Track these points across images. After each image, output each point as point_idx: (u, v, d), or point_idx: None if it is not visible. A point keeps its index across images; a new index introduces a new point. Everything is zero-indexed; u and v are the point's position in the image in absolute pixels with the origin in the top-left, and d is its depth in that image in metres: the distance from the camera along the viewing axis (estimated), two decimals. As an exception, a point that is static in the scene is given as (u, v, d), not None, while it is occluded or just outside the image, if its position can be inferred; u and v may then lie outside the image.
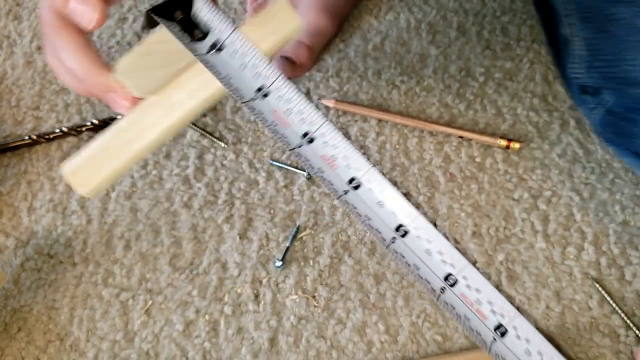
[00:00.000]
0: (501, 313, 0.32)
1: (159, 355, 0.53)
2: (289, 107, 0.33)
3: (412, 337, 0.53)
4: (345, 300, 0.55)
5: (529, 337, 0.31)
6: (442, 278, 0.34)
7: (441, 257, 0.34)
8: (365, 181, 0.33)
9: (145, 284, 0.57)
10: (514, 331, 0.32)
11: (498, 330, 0.32)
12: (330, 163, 0.33)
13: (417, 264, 0.35)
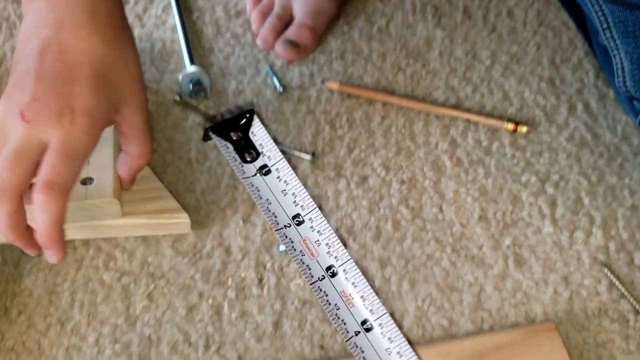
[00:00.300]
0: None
1: (161, 340, 0.52)
2: (319, 238, 0.36)
3: (418, 322, 0.52)
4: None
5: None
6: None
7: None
8: (377, 326, 0.34)
9: (147, 267, 0.56)
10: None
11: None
12: (347, 300, 0.35)
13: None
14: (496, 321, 0.51)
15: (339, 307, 0.34)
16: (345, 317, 0.34)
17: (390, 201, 0.58)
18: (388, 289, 0.54)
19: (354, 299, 0.34)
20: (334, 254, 0.36)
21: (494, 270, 0.54)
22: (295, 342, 0.52)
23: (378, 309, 0.34)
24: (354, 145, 0.61)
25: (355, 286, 0.35)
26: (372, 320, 0.34)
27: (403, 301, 0.53)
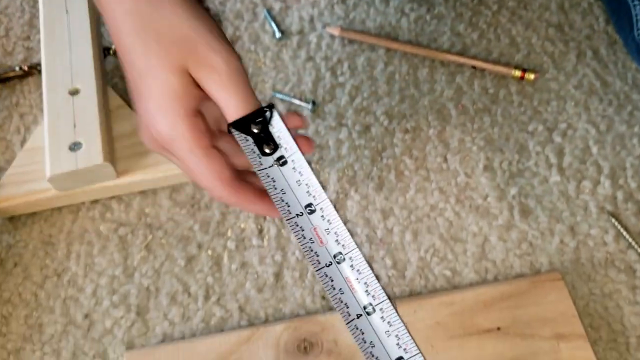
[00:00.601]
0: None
1: (160, 291, 0.51)
2: (329, 227, 0.37)
3: (420, 272, 0.51)
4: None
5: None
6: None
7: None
8: (378, 309, 0.35)
9: (144, 218, 0.55)
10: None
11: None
12: (352, 286, 0.36)
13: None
14: (500, 272, 0.50)
15: (343, 292, 0.36)
16: (348, 301, 0.36)
17: (393, 151, 0.56)
18: (390, 240, 0.52)
19: (358, 285, 0.36)
20: (342, 242, 0.37)
21: (498, 220, 0.53)
22: (296, 293, 0.51)
23: (380, 294, 0.36)
24: (355, 93, 0.59)
25: (359, 273, 0.36)
26: (374, 305, 0.36)
27: (405, 252, 0.52)
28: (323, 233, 0.37)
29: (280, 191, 0.38)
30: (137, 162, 0.54)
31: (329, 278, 0.36)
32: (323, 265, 0.37)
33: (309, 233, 0.37)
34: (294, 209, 0.38)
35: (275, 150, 0.39)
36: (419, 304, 0.48)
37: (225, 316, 0.50)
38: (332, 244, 0.37)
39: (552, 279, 0.48)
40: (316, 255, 0.37)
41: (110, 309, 0.51)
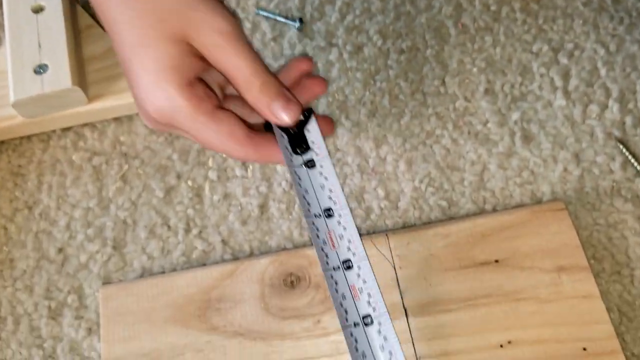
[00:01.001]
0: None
1: (137, 223, 0.48)
2: (343, 233, 0.38)
3: (414, 203, 0.48)
4: (342, 165, 0.50)
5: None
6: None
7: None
8: (376, 322, 0.36)
9: (119, 147, 0.51)
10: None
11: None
12: (355, 294, 0.36)
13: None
14: (500, 201, 0.47)
15: (345, 298, 0.36)
16: (348, 307, 0.36)
17: (387, 73, 0.52)
18: (383, 169, 0.49)
19: (361, 294, 0.37)
20: (354, 250, 0.38)
21: (499, 147, 0.49)
22: (283, 226, 0.48)
23: (381, 308, 0.36)
24: (347, 10, 0.54)
25: (365, 282, 0.37)
26: (373, 317, 0.36)
27: (399, 182, 0.49)
28: (336, 238, 0.38)
29: (304, 190, 0.39)
30: (110, 87, 0.50)
31: (334, 281, 0.37)
32: (331, 267, 0.37)
33: (323, 235, 0.38)
34: (314, 210, 0.39)
35: (306, 151, 0.41)
36: (412, 235, 0.45)
37: (208, 250, 0.47)
38: (343, 250, 0.38)
39: (555, 209, 0.45)
40: (326, 257, 0.37)
41: (85, 243, 0.48)
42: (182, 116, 0.37)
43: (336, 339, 0.42)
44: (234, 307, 0.43)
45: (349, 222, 0.39)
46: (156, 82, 0.37)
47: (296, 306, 0.43)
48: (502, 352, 0.41)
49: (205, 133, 0.38)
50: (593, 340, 0.41)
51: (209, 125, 0.37)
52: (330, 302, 0.43)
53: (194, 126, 0.37)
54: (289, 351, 0.42)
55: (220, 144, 0.38)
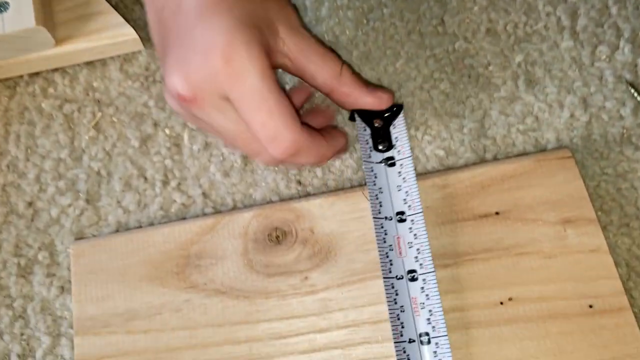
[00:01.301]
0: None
1: (112, 175, 0.45)
2: (413, 241, 0.36)
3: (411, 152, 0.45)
4: (339, 109, 0.46)
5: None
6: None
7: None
8: (434, 342, 0.34)
9: (92, 93, 0.47)
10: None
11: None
12: (415, 308, 0.35)
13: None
14: (501, 150, 0.44)
15: (404, 310, 0.35)
16: (406, 321, 0.34)
17: (381, 12, 0.48)
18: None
19: (422, 310, 0.35)
20: (421, 260, 0.36)
21: (501, 91, 0.46)
22: (268, 177, 0.44)
23: (441, 328, 0.34)
24: (337, -57, 0.50)
25: (428, 298, 0.35)
26: (431, 336, 0.34)
27: (393, 129, 0.45)
28: (405, 245, 0.36)
29: (378, 189, 0.38)
30: (81, 28, 0.46)
31: (395, 291, 0.35)
32: (393, 276, 0.35)
33: (391, 239, 0.36)
34: (385, 211, 0.37)
35: (388, 149, 0.39)
36: (407, 186, 0.42)
37: (187, 203, 0.44)
38: (410, 259, 0.36)
39: (561, 157, 0.41)
40: (390, 264, 0.36)
41: (57, 196, 0.45)
42: (251, 77, 0.34)
43: (325, 297, 0.39)
44: (215, 263, 0.40)
45: (422, 231, 0.36)
46: (231, 41, 0.33)
47: (282, 262, 0.40)
48: (502, 309, 0.38)
49: (264, 105, 0.34)
50: (600, 296, 0.38)
51: (275, 96, 0.34)
52: (319, 258, 0.40)
53: (256, 95, 0.34)
54: (274, 310, 0.39)
55: (278, 121, 0.35)
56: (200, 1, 0.35)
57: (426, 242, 0.36)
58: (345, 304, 0.39)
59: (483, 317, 0.38)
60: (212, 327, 0.39)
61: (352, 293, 0.39)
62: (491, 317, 0.38)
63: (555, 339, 0.37)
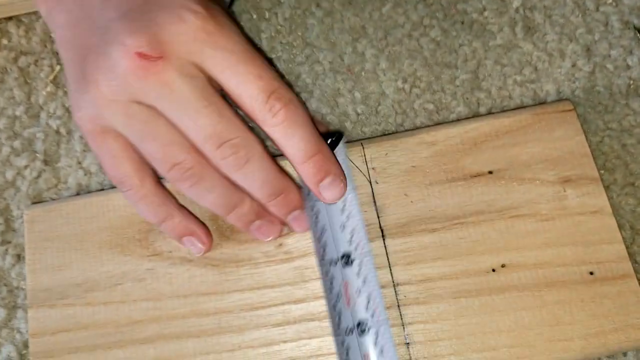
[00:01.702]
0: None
1: (72, 134, 0.41)
2: (362, 287, 0.33)
3: (397, 107, 0.41)
4: (311, 64, 0.42)
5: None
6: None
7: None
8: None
9: (50, 45, 0.43)
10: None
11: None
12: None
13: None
14: (496, 103, 0.40)
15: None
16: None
17: (364, -48, 0.44)
18: (361, 67, 0.42)
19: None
20: (372, 309, 0.32)
21: (497, 39, 0.42)
22: (242, 134, 0.41)
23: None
24: None
25: (382, 355, 0.32)
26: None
27: (379, 82, 0.41)
28: (353, 293, 0.33)
29: (320, 228, 0.34)
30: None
31: (345, 348, 0.32)
32: (342, 331, 0.32)
33: (338, 286, 0.33)
34: (330, 254, 0.33)
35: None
36: (392, 144, 0.38)
37: (153, 163, 0.40)
38: (360, 309, 0.32)
39: (561, 110, 0.38)
40: (338, 317, 0.32)
41: (12, 157, 0.41)
42: (236, 33, 0.32)
43: (301, 265, 0.36)
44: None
45: (371, 274, 0.33)
46: (205, 3, 0.31)
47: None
48: (495, 277, 0.35)
49: (257, 58, 0.32)
50: (602, 262, 0.34)
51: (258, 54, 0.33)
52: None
53: (248, 50, 0.32)
54: (245, 279, 0.36)
55: (272, 73, 0.32)
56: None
57: (377, 287, 0.32)
58: (322, 273, 0.35)
59: (473, 285, 0.35)
60: (178, 298, 0.36)
61: (331, 260, 0.35)
62: (482, 286, 0.35)
63: (551, 309, 0.34)
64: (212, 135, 0.31)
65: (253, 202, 0.34)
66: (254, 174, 0.33)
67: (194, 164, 0.32)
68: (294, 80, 0.42)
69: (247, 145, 0.32)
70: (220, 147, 0.32)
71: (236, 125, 0.32)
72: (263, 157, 0.33)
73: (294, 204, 0.35)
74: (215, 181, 0.33)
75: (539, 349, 0.33)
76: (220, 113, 0.31)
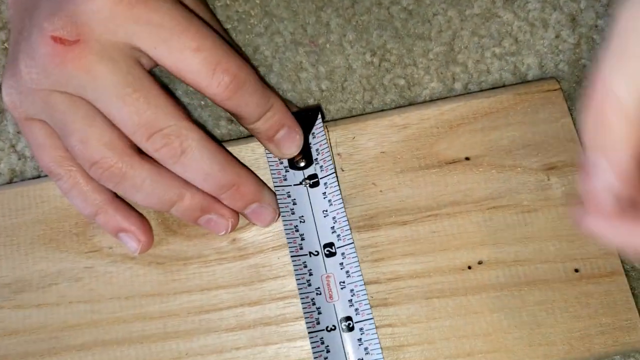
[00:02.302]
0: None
1: (5, 114, 0.37)
2: (346, 280, 0.30)
3: (365, 83, 0.37)
4: (271, 35, 0.38)
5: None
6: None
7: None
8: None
9: None
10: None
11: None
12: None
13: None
14: (473, 78, 0.37)
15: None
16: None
17: None
18: (325, 39, 0.38)
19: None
20: (357, 304, 0.29)
21: (474, 7, 0.38)
22: (203, 115, 0.37)
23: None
24: None
25: (367, 353, 0.29)
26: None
27: (346, 55, 0.37)
28: (336, 286, 0.30)
29: (298, 218, 0.30)
30: None
31: (325, 347, 0.29)
32: (322, 327, 0.29)
33: (318, 281, 0.29)
34: (309, 245, 0.30)
35: (308, 165, 0.32)
36: (359, 127, 0.34)
37: (93, 147, 0.36)
38: (343, 304, 0.29)
39: (546, 89, 0.34)
40: (317, 312, 0.29)
41: None
42: (167, 3, 0.28)
43: (257, 262, 0.32)
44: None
45: (355, 265, 0.29)
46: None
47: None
48: (471, 275, 0.31)
49: (194, 29, 0.29)
50: (587, 258, 0.31)
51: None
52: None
53: (182, 20, 0.28)
54: (194, 279, 0.32)
55: (217, 42, 0.29)
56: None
57: (361, 281, 0.30)
58: (281, 272, 0.32)
59: (447, 284, 0.31)
60: (119, 300, 0.32)
61: (289, 257, 0.32)
62: (457, 285, 0.31)
63: (532, 311, 0.31)
64: (139, 125, 0.28)
65: (196, 196, 0.30)
66: (194, 166, 0.29)
67: (114, 162, 0.29)
68: (252, 53, 0.38)
69: (181, 135, 0.28)
70: (151, 138, 0.28)
71: (168, 113, 0.28)
72: (204, 147, 0.29)
73: (250, 197, 0.31)
74: (142, 179, 0.29)
75: (518, 354, 0.30)
76: (148, 100, 0.28)
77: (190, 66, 0.28)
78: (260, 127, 0.31)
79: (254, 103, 0.30)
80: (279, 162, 0.32)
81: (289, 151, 0.32)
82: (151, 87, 0.28)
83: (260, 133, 0.31)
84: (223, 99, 0.29)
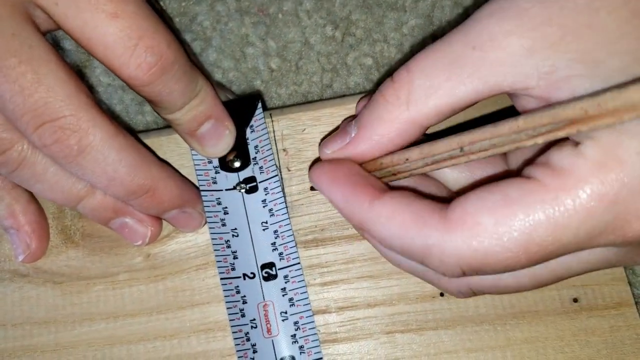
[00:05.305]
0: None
1: None
2: (289, 310, 0.24)
3: (325, 62, 0.31)
4: (211, 2, 0.31)
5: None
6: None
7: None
8: None
9: None
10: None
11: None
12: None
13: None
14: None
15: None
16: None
17: None
18: (278, 7, 0.31)
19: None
20: (302, 341, 0.23)
21: (459, -28, 0.31)
22: (125, 99, 0.30)
23: None
24: None
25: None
26: None
27: (302, 27, 0.32)
28: (276, 318, 0.24)
29: (230, 231, 0.25)
30: None
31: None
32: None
33: (253, 311, 0.24)
34: (243, 266, 0.24)
35: (244, 166, 0.26)
36: (312, 116, 0.28)
37: None
38: (284, 339, 0.23)
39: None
40: (252, 351, 0.23)
41: None
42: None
43: (175, 285, 0.26)
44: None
45: (302, 292, 0.24)
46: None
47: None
48: (444, 304, 0.26)
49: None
50: (589, 285, 0.26)
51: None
52: (171, 227, 0.26)
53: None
54: (98, 303, 0.26)
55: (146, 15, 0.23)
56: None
57: (309, 311, 0.24)
58: (206, 297, 0.25)
59: (413, 315, 0.25)
60: (4, 328, 0.26)
61: (217, 279, 0.25)
62: (425, 316, 0.25)
63: (520, 350, 0.25)
64: (25, 110, 0.21)
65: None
66: (94, 169, 0.22)
67: (9, 146, 0.22)
68: (188, 23, 0.31)
69: (80, 129, 0.22)
70: (39, 130, 0.21)
71: (65, 97, 0.22)
72: (108, 146, 0.22)
73: (166, 205, 0.25)
74: (44, 167, 0.23)
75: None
76: (39, 76, 0.21)
77: (102, 36, 0.21)
78: (180, 118, 0.24)
79: (179, 91, 0.23)
80: (207, 162, 0.25)
81: (214, 150, 0.25)
82: (45, 59, 0.21)
83: (181, 125, 0.25)
84: (142, 83, 0.22)
